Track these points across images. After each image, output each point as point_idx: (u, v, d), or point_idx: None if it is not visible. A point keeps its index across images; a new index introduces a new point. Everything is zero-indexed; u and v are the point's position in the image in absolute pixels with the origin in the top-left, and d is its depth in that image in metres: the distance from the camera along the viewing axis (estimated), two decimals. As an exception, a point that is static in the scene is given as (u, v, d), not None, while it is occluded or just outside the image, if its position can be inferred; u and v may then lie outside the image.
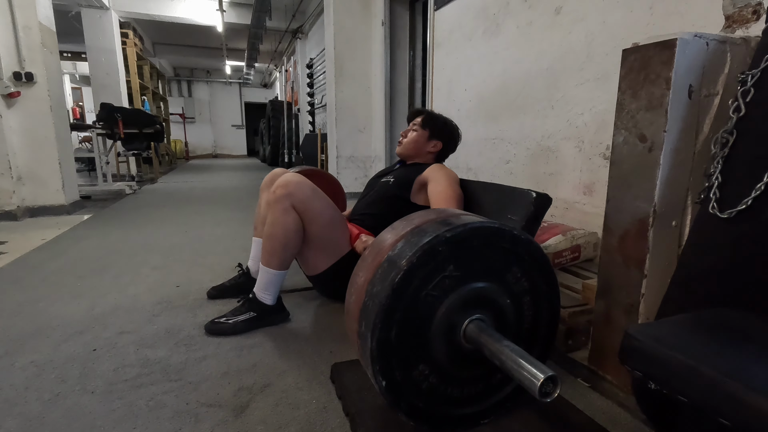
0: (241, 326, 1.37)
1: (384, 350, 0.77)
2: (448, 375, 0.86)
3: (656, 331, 0.71)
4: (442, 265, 0.79)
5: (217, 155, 14.16)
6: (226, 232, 2.86)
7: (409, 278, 0.75)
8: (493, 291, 0.85)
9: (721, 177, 0.85)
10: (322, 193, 1.41)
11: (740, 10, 1.14)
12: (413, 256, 0.74)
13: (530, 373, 0.69)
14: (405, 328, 0.78)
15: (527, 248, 0.86)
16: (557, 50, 1.86)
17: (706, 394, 0.59)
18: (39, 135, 3.28)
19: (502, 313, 0.87)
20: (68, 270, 2.03)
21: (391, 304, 0.75)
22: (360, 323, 0.79)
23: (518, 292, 0.89)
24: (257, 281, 1.42)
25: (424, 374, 0.84)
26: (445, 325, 0.82)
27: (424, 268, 0.76)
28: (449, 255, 0.78)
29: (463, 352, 0.85)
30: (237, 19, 7.38)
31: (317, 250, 1.44)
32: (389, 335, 0.77)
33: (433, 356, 0.83)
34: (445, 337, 0.83)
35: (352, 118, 4.27)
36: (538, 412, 0.95)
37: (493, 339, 0.79)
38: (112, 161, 5.79)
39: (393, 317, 0.76)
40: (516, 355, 0.74)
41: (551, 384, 0.68)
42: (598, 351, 1.11)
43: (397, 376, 0.80)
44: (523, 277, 0.88)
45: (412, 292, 0.77)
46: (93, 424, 0.94)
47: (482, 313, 0.85)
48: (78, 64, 10.57)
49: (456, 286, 0.82)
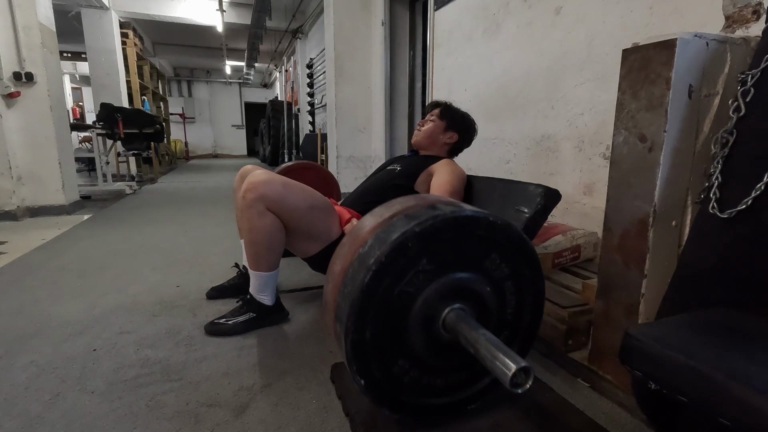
0: (240, 327, 1.37)
1: (359, 351, 0.75)
2: (430, 367, 0.84)
3: (656, 331, 0.71)
4: (414, 261, 0.76)
5: (217, 155, 14.16)
6: (226, 232, 2.86)
7: (379, 278, 0.73)
8: (471, 280, 0.83)
9: (721, 177, 0.85)
10: (295, 183, 1.34)
11: (740, 10, 1.14)
12: (381, 255, 0.72)
13: (503, 364, 0.67)
14: (380, 326, 0.76)
15: (505, 233, 0.83)
16: (557, 50, 1.86)
17: (706, 394, 0.59)
18: (39, 135, 3.28)
19: (483, 302, 0.84)
20: (68, 270, 2.03)
21: (362, 305, 0.73)
22: (335, 324, 0.78)
23: (499, 278, 0.86)
24: (251, 285, 1.40)
25: (404, 369, 0.82)
26: (423, 319, 0.80)
27: (394, 265, 0.73)
28: (421, 249, 0.75)
29: (444, 343, 0.82)
30: (237, 19, 7.38)
31: (304, 238, 1.38)
32: (363, 336, 0.75)
33: (412, 350, 0.81)
34: (424, 331, 0.81)
35: (352, 118, 4.27)
36: (538, 412, 0.95)
37: (470, 327, 0.77)
38: (112, 161, 5.79)
39: (365, 318, 0.74)
40: (491, 344, 0.71)
41: (523, 375, 0.66)
42: (598, 351, 1.11)
43: (375, 374, 0.79)
44: (503, 262, 0.85)
45: (384, 290, 0.75)
46: (93, 424, 0.94)
47: (462, 303, 0.82)
48: (78, 64, 10.58)
49: (431, 279, 0.79)
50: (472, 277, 0.83)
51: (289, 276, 1.95)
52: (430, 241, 0.76)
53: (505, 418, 0.93)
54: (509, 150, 2.22)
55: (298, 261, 2.15)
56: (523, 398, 0.99)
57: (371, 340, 0.76)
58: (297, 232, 1.35)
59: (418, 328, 0.80)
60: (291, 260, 2.15)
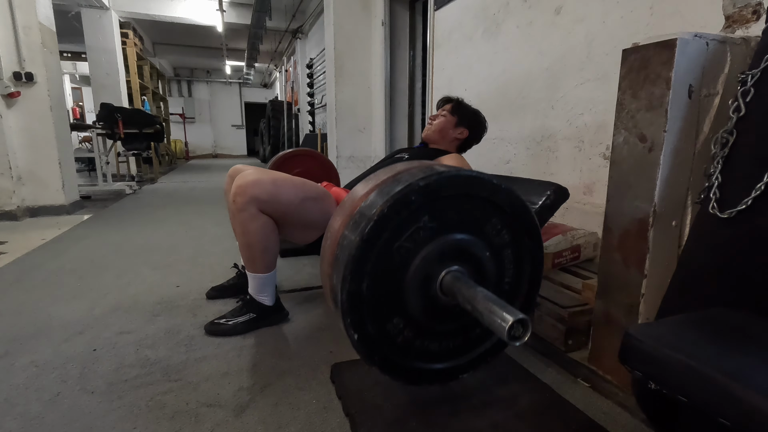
0: (241, 327, 1.37)
1: (355, 303, 0.74)
2: (425, 329, 0.83)
3: (656, 331, 0.71)
4: (416, 216, 0.75)
5: (217, 155, 14.15)
6: (226, 232, 2.86)
7: (380, 229, 0.71)
8: (471, 243, 0.81)
9: (721, 177, 0.85)
10: (284, 178, 1.32)
11: (740, 10, 1.14)
12: (384, 206, 0.71)
13: (499, 316, 0.66)
14: (377, 280, 0.75)
15: (508, 198, 0.82)
16: (557, 50, 1.86)
17: (706, 394, 0.59)
18: (39, 135, 3.28)
19: (482, 267, 0.83)
20: (68, 270, 2.03)
21: (362, 255, 0.71)
22: (332, 276, 0.76)
23: (499, 244, 0.85)
24: (250, 286, 1.39)
25: (398, 328, 0.81)
26: (421, 278, 0.79)
27: (395, 218, 0.72)
28: (423, 205, 0.74)
29: (440, 305, 0.81)
30: (237, 19, 7.38)
31: (302, 229, 1.38)
32: (360, 287, 0.73)
33: (408, 309, 0.80)
34: (421, 290, 0.79)
35: (352, 118, 4.27)
36: (538, 411, 0.95)
37: (467, 286, 0.76)
38: (112, 161, 5.79)
39: (364, 269, 0.73)
40: (488, 299, 0.70)
41: (521, 327, 0.65)
42: (598, 351, 1.11)
43: (369, 329, 0.77)
44: (504, 229, 0.84)
45: (384, 243, 0.73)
46: (93, 424, 0.94)
47: (460, 265, 0.80)
48: (78, 64, 10.57)
49: (431, 237, 0.78)
50: (472, 240, 0.81)
51: (289, 276, 1.95)
52: (434, 197, 0.75)
53: (505, 418, 0.93)
54: (509, 150, 2.22)
55: (298, 261, 2.16)
56: (523, 398, 1.00)
57: (367, 293, 0.75)
58: (294, 224, 1.34)
59: (415, 286, 0.79)
60: (291, 260, 2.16)
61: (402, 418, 0.92)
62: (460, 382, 1.06)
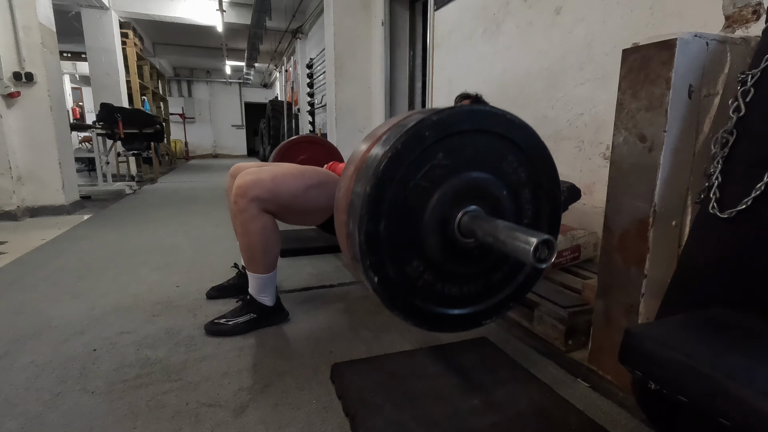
0: (241, 327, 1.37)
1: (373, 244, 0.72)
2: (445, 272, 0.81)
3: (656, 331, 0.71)
4: (431, 153, 0.73)
5: (217, 155, 14.15)
6: (226, 232, 2.86)
7: (394, 166, 0.70)
8: (488, 182, 0.79)
9: (721, 177, 0.85)
10: (284, 171, 1.32)
11: (740, 10, 1.14)
12: (398, 142, 0.69)
13: (523, 240, 0.63)
14: (394, 220, 0.73)
15: (523, 134, 0.80)
16: (557, 50, 1.86)
17: (706, 394, 0.59)
18: (39, 135, 3.28)
19: (500, 206, 0.81)
20: (68, 270, 2.03)
21: (377, 194, 0.70)
22: (348, 221, 0.75)
23: (516, 183, 0.82)
24: (250, 286, 1.39)
25: (418, 271, 0.78)
26: (438, 218, 0.77)
27: (409, 154, 0.71)
28: (437, 142, 0.73)
29: (460, 247, 0.79)
30: (237, 19, 7.38)
31: (310, 214, 1.38)
32: (377, 227, 0.71)
33: (426, 251, 0.78)
34: (439, 231, 0.77)
35: (352, 118, 4.27)
36: (537, 411, 0.95)
37: (486, 221, 0.74)
38: (112, 161, 5.79)
39: (380, 208, 0.71)
40: (509, 228, 0.68)
41: (546, 249, 0.62)
42: (598, 351, 1.11)
43: (389, 272, 0.75)
44: (520, 167, 0.82)
45: (399, 181, 0.72)
46: (93, 424, 0.94)
47: (477, 205, 0.78)
48: (78, 64, 10.57)
49: (447, 176, 0.76)
50: (488, 179, 0.79)
51: (289, 276, 1.95)
52: (447, 132, 0.73)
53: (504, 418, 0.93)
54: (509, 150, 2.22)
55: (298, 261, 2.16)
56: (523, 398, 1.00)
57: (385, 233, 0.73)
58: (300, 212, 1.35)
59: (433, 227, 0.77)
60: (291, 260, 2.16)
61: (402, 418, 0.92)
62: (460, 382, 1.06)
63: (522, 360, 1.19)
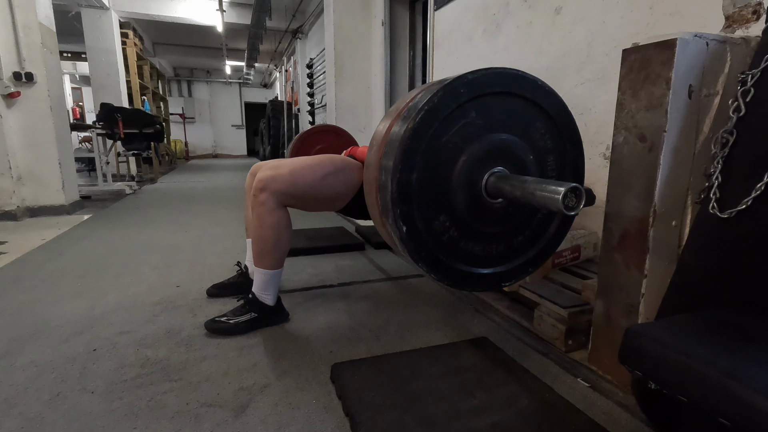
0: (242, 327, 1.37)
1: (405, 193, 0.74)
2: (470, 229, 0.83)
3: (656, 331, 0.71)
4: (464, 110, 0.75)
5: (217, 155, 14.15)
6: (226, 232, 2.86)
7: (430, 119, 0.72)
8: (516, 144, 0.81)
9: (721, 177, 0.85)
10: (300, 164, 1.36)
11: (740, 10, 1.14)
12: (435, 97, 0.71)
13: (551, 190, 0.65)
14: (426, 172, 0.75)
15: (552, 101, 0.82)
16: (557, 50, 1.86)
17: (706, 394, 0.59)
18: (39, 135, 3.28)
19: (525, 169, 0.83)
20: (68, 270, 2.03)
21: (413, 144, 0.71)
22: (379, 174, 0.76)
23: (542, 149, 0.85)
24: (254, 283, 1.41)
25: (445, 226, 0.80)
26: (467, 175, 0.79)
27: (444, 109, 0.73)
28: (471, 99, 0.75)
29: (485, 206, 0.81)
30: (237, 19, 7.38)
31: (330, 201, 1.43)
32: (410, 178, 0.73)
33: (454, 207, 0.80)
34: (467, 189, 0.79)
35: (352, 118, 4.27)
36: (538, 412, 0.95)
37: (514, 179, 0.76)
38: (112, 161, 5.79)
39: (414, 159, 0.73)
40: (537, 181, 0.70)
41: (574, 196, 0.64)
42: (598, 351, 1.11)
43: (417, 224, 0.77)
44: (547, 134, 0.84)
45: (433, 134, 0.73)
46: (93, 424, 0.94)
47: (504, 166, 0.81)
48: (78, 64, 10.56)
49: (478, 134, 0.78)
50: (516, 141, 0.82)
51: (289, 276, 1.95)
52: (481, 92, 0.75)
53: (505, 418, 0.93)
54: (509, 150, 2.22)
55: (298, 261, 2.16)
56: (523, 398, 1.00)
57: (416, 185, 0.75)
58: (321, 201, 1.40)
59: (461, 184, 0.79)
60: (291, 260, 2.16)
61: (402, 418, 0.92)
62: (460, 382, 1.06)
63: (522, 360, 1.19)
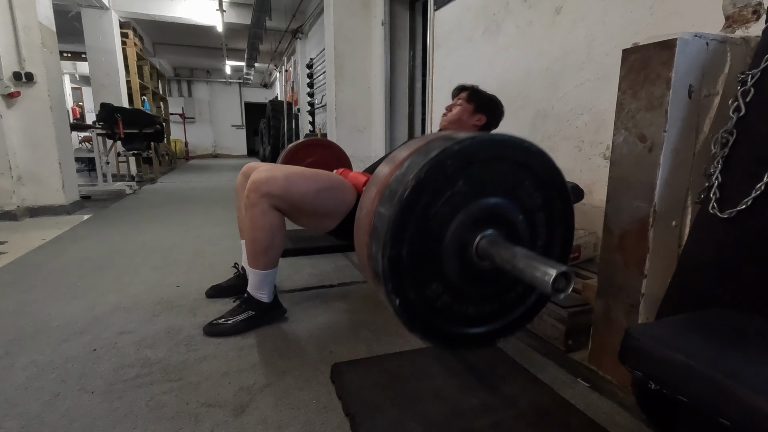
0: (240, 326, 1.37)
1: (396, 268, 0.74)
2: (462, 293, 0.84)
3: (656, 331, 0.71)
4: (452, 181, 0.76)
5: (217, 155, 14.15)
6: (226, 232, 2.86)
7: (418, 194, 0.73)
8: (505, 207, 0.82)
9: (721, 177, 0.85)
10: (297, 171, 1.34)
11: (740, 10, 1.14)
12: (421, 171, 0.72)
13: (542, 270, 0.66)
14: (416, 245, 0.76)
15: (540, 161, 0.82)
16: (557, 50, 1.86)
17: (706, 394, 0.59)
18: (39, 135, 3.28)
19: (515, 230, 0.84)
20: (68, 270, 2.03)
21: (401, 220, 0.72)
22: (370, 244, 0.77)
23: (531, 208, 0.86)
24: (249, 283, 1.40)
25: (437, 293, 0.81)
26: (457, 242, 0.79)
27: (432, 182, 0.73)
28: (458, 169, 0.75)
29: (477, 270, 0.82)
30: (237, 19, 7.38)
31: (320, 218, 1.39)
32: (400, 252, 0.74)
33: (445, 274, 0.81)
34: (458, 254, 0.80)
35: (352, 118, 4.27)
36: (538, 412, 0.95)
37: (504, 247, 0.76)
38: (112, 161, 5.79)
39: (403, 234, 0.74)
40: (527, 257, 0.71)
41: (564, 280, 0.65)
42: (598, 351, 1.11)
43: (410, 294, 0.78)
44: (536, 192, 0.85)
45: (421, 208, 0.74)
46: (93, 424, 0.94)
47: (494, 229, 0.81)
48: (78, 64, 10.56)
49: (467, 201, 0.79)
50: (505, 204, 0.82)
51: (289, 276, 1.95)
52: (468, 161, 0.76)
53: (505, 418, 0.93)
54: (509, 150, 2.22)
55: (298, 261, 2.16)
56: (523, 398, 1.00)
57: (407, 258, 0.75)
58: (311, 215, 1.36)
59: (452, 251, 0.79)
60: (291, 260, 2.16)
61: (402, 418, 0.92)
62: (460, 382, 1.06)
63: (522, 360, 1.19)
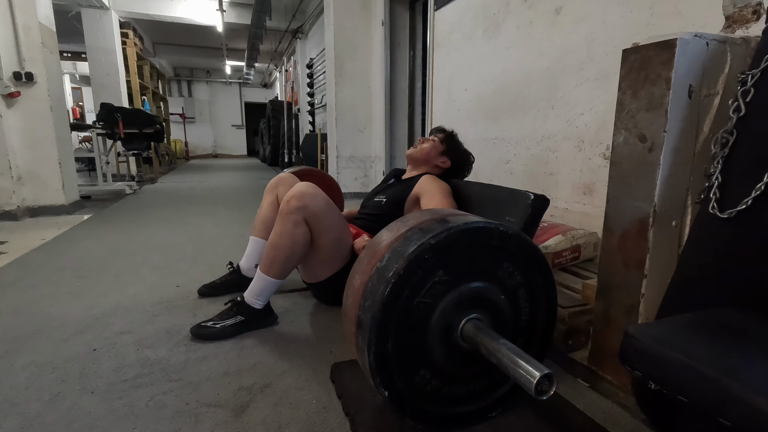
0: (228, 330, 1.35)
1: (382, 362, 0.77)
2: (450, 375, 0.86)
3: (656, 331, 0.71)
4: (431, 272, 0.78)
5: (217, 155, 14.15)
6: (226, 232, 2.86)
7: (399, 290, 0.75)
8: (486, 289, 0.85)
9: (721, 177, 0.85)
10: (334, 206, 1.39)
11: (740, 10, 1.14)
12: (400, 268, 0.74)
13: (526, 371, 0.69)
14: (401, 338, 0.78)
15: (516, 242, 0.85)
16: (557, 50, 1.86)
17: (706, 394, 0.59)
18: (39, 135, 3.27)
19: (498, 310, 0.87)
20: (68, 270, 2.02)
21: (383, 318, 0.75)
22: (357, 336, 0.80)
23: (512, 286, 0.88)
24: (251, 286, 1.39)
25: (425, 378, 0.84)
26: (442, 329, 0.82)
27: (412, 277, 0.76)
28: (437, 261, 0.78)
29: (463, 352, 0.84)
30: (237, 19, 7.38)
31: (322, 261, 1.42)
32: (385, 348, 0.77)
33: (432, 360, 0.83)
34: (443, 340, 0.83)
35: (352, 118, 4.27)
36: (538, 412, 0.95)
37: (489, 338, 0.79)
38: (112, 161, 5.79)
39: (387, 330, 0.76)
40: (512, 353, 0.73)
41: (547, 382, 0.68)
42: (598, 351, 1.11)
43: (398, 384, 0.80)
44: (516, 271, 0.88)
45: (403, 302, 0.77)
46: (93, 424, 0.94)
47: (478, 312, 0.84)
48: (78, 64, 10.57)
49: (448, 290, 0.81)
50: (486, 287, 0.85)
51: (289, 276, 1.94)
52: (445, 252, 0.78)
53: (505, 418, 0.93)
54: (509, 150, 2.22)
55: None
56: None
57: (393, 351, 0.78)
58: (319, 251, 1.39)
59: (437, 338, 0.82)
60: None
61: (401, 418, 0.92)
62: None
63: (522, 360, 1.19)
